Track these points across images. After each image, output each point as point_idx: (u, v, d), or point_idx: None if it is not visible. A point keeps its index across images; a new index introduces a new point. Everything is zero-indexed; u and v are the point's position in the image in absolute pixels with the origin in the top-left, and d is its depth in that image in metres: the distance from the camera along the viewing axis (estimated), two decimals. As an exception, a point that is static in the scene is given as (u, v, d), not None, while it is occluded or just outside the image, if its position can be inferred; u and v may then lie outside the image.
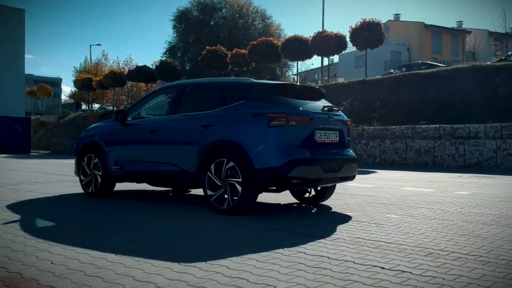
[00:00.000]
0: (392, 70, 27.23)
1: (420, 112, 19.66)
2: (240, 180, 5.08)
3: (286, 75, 47.59)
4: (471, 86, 19.12)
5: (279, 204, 6.33)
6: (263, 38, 30.09)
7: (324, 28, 28.01)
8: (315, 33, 26.47)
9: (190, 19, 45.49)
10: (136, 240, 3.94)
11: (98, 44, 51.16)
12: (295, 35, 27.35)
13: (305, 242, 3.84)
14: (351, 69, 49.31)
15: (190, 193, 7.60)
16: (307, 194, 6.38)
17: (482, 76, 19.35)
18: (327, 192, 6.24)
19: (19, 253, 3.36)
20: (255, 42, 29.16)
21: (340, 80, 30.74)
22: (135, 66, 36.43)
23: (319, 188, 6.14)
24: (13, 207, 5.78)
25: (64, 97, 70.77)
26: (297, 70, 32.86)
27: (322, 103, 5.71)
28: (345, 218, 5.09)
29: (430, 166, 16.28)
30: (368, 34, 24.05)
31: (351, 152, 5.94)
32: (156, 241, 3.93)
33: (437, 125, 17.06)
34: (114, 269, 2.97)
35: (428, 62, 28.75)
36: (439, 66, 24.79)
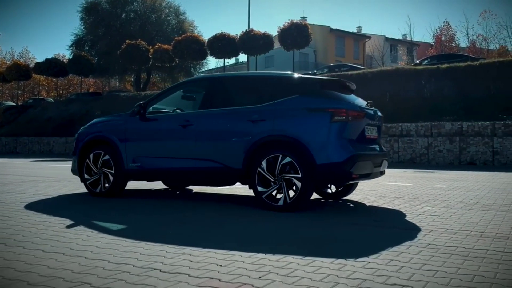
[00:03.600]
0: (315, 71, 28.28)
1: (351, 111, 20.62)
2: (300, 175, 5.02)
3: (199, 73, 47.24)
4: (397, 88, 20.53)
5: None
6: (188, 34, 29.63)
7: (251, 27, 28.20)
8: (243, 31, 26.67)
9: (100, 11, 43.29)
10: (238, 239, 3.74)
11: (-3, 33, 46.50)
12: (222, 33, 27.23)
13: (413, 235, 3.91)
14: (260, 69, 50.23)
15: (195, 191, 7.34)
16: (329, 190, 6.46)
17: (406, 79, 20.86)
18: (352, 187, 6.39)
19: (161, 257, 3.05)
20: (179, 38, 28.55)
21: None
22: (44, 59, 33.76)
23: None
24: (34, 208, 5.16)
25: None
26: (224, 68, 32.65)
27: (362, 99, 5.84)
28: (399, 213, 5.23)
29: (368, 163, 17.18)
30: (296, 34, 24.76)
31: (382, 147, 6.15)
32: (262, 240, 3.76)
33: (372, 124, 18.07)
34: (281, 267, 2.84)
35: (349, 64, 30.34)
36: (359, 68, 26.26)
